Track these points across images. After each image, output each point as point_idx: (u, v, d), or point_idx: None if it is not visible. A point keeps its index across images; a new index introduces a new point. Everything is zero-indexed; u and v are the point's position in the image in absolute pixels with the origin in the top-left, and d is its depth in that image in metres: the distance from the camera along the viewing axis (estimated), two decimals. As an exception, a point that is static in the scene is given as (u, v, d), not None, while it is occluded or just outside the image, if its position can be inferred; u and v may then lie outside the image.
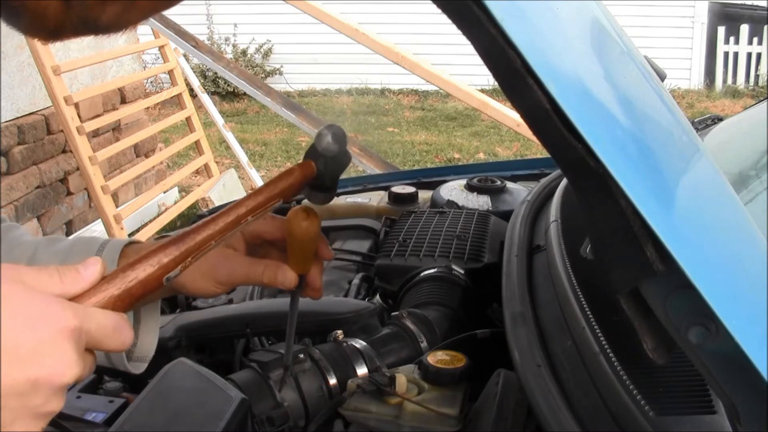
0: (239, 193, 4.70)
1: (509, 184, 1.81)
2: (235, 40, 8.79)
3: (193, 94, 4.94)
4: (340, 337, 1.12)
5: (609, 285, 0.61)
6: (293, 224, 0.76)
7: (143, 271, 0.58)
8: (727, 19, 8.93)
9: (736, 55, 9.01)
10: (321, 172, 0.74)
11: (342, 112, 7.98)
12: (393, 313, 1.24)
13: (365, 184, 2.07)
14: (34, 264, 0.81)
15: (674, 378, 0.78)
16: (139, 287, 0.57)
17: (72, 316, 0.49)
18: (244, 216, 0.67)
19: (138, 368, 0.78)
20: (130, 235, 3.87)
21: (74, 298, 0.52)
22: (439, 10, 0.58)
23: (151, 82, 7.82)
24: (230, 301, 1.43)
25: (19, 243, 0.84)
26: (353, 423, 0.99)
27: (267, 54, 9.01)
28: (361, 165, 4.42)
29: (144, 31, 4.76)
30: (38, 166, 3.78)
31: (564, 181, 1.39)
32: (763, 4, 8.54)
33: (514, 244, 1.22)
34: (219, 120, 5.10)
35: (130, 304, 0.56)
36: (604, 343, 0.84)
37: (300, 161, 0.74)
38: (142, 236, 3.81)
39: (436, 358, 1.01)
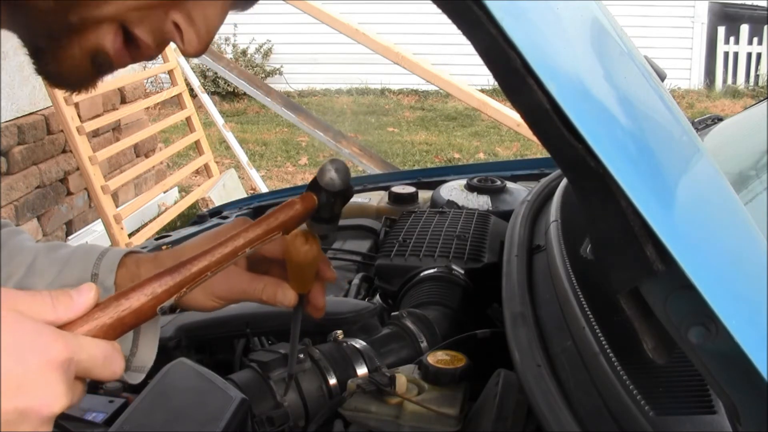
0: (239, 193, 4.70)
1: (509, 184, 1.81)
2: (235, 40, 8.79)
3: (193, 94, 4.94)
4: (340, 337, 1.12)
5: (609, 285, 0.61)
6: (292, 249, 0.76)
7: (137, 300, 0.57)
8: (727, 19, 8.94)
9: (736, 55, 9.01)
10: (323, 205, 0.73)
11: (342, 112, 7.98)
12: (393, 313, 1.24)
13: (365, 184, 2.07)
14: (33, 271, 0.81)
15: (674, 378, 0.78)
16: (131, 317, 0.57)
17: (62, 347, 0.49)
18: (241, 248, 0.66)
19: (135, 378, 0.78)
20: (131, 235, 3.87)
21: (66, 326, 0.52)
22: (439, 10, 0.58)
23: (151, 82, 7.82)
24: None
25: (20, 250, 0.83)
26: (353, 423, 0.99)
27: (267, 54, 9.01)
28: (361, 165, 4.43)
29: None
30: (38, 166, 3.78)
31: (564, 181, 1.39)
32: (763, 4, 8.55)
33: (514, 244, 1.22)
34: (219, 120, 5.10)
35: (122, 332, 0.56)
36: (604, 343, 0.84)
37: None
38: (142, 236, 3.81)
39: (436, 358, 1.01)
